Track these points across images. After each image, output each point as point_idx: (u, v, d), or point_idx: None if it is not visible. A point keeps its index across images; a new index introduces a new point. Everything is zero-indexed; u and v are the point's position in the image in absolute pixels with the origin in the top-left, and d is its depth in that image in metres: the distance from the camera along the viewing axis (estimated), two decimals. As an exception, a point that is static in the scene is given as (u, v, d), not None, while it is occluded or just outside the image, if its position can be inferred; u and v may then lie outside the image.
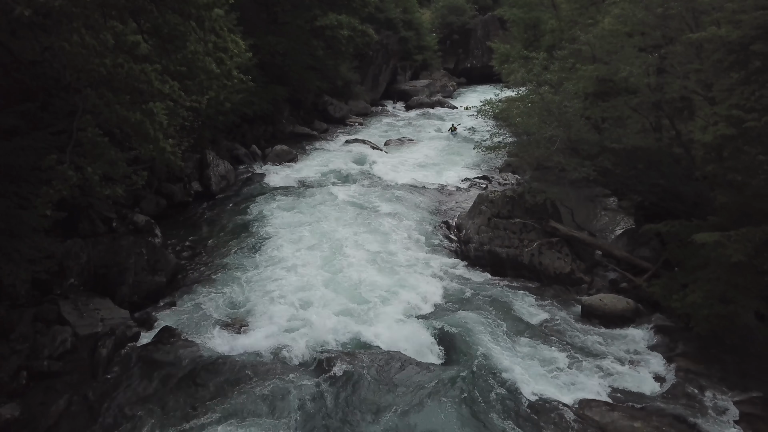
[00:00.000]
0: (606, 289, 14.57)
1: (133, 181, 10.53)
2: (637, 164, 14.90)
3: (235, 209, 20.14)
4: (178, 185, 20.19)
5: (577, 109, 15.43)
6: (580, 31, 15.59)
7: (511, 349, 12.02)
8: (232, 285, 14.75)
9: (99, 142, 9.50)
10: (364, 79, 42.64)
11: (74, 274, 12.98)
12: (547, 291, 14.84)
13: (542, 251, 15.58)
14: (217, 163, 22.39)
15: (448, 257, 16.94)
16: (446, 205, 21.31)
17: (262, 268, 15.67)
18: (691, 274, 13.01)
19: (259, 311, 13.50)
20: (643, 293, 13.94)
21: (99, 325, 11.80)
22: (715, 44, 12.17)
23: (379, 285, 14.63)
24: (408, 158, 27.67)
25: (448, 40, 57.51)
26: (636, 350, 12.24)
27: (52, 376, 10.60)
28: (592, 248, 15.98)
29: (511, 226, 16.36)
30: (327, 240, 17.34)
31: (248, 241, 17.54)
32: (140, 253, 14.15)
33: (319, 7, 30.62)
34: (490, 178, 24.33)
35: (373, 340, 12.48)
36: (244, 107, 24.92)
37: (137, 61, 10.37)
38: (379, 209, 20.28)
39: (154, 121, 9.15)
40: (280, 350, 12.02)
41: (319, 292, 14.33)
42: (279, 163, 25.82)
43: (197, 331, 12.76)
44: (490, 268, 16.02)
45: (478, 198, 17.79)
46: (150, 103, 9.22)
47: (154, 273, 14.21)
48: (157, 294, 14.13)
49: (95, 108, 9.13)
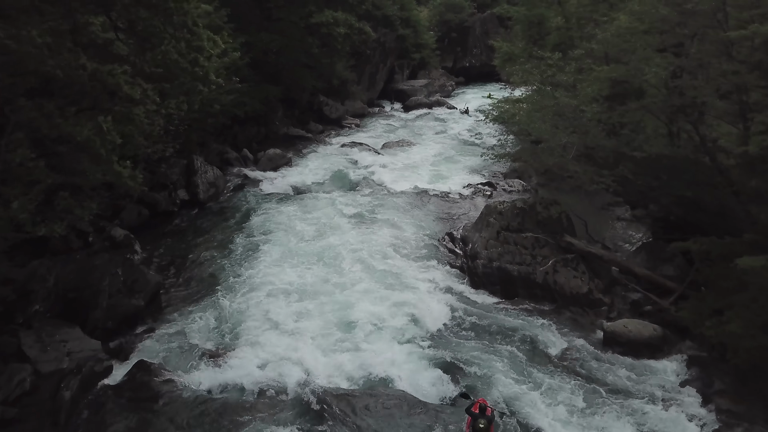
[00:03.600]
0: (628, 313, 13.31)
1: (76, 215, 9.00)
2: (660, 174, 13.62)
3: (223, 220, 18.79)
4: (163, 193, 18.79)
5: (594, 114, 14.12)
6: (597, 29, 14.26)
7: (528, 386, 10.75)
8: (217, 307, 13.45)
9: (33, 168, 7.94)
10: (360, 79, 41.17)
11: (39, 300, 11.60)
12: (564, 314, 13.56)
13: (557, 269, 14.29)
14: (206, 169, 20.97)
15: (453, 274, 15.63)
16: (449, 215, 19.98)
17: (251, 288, 14.34)
18: (725, 297, 11.80)
19: (246, 339, 12.19)
20: (669, 317, 12.69)
21: (65, 360, 10.42)
22: (756, 43, 10.97)
23: (379, 309, 13.31)
24: (407, 162, 26.30)
25: (446, 39, 56.04)
26: (667, 386, 10.98)
27: (6, 424, 9.23)
28: (612, 266, 14.68)
29: (522, 240, 15.06)
30: (322, 255, 16.02)
31: (237, 256, 16.21)
32: (116, 273, 12.78)
33: (314, 4, 29.17)
34: (494, 185, 23.01)
35: (372, 376, 11.22)
36: (234, 108, 23.56)
37: (106, 61, 9.03)
38: (378, 219, 18.96)
39: (104, 140, 7.69)
40: (268, 387, 10.75)
41: (312, 317, 13.06)
42: (272, 168, 24.41)
43: (177, 363, 11.48)
44: (499, 286, 14.72)
45: (486, 209, 16.47)
46: (101, 118, 7.77)
47: (131, 295, 12.85)
48: (134, 319, 12.79)
49: (32, 122, 7.59)
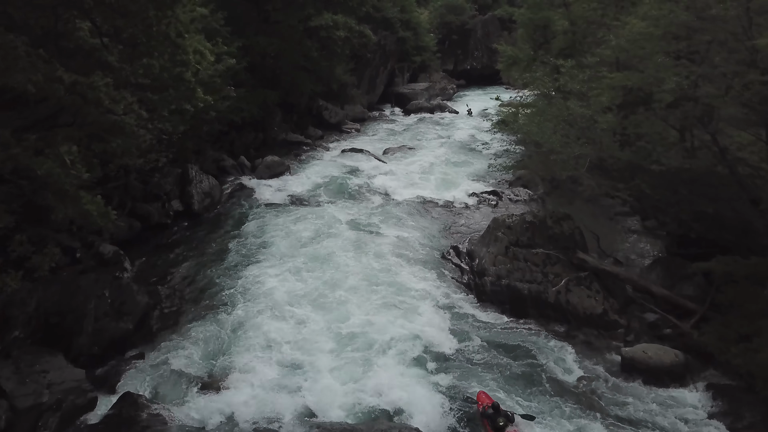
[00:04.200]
0: (646, 336, 12.56)
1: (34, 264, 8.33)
2: (679, 188, 12.86)
3: (219, 232, 18.00)
4: (156, 205, 18.02)
5: (610, 124, 13.36)
6: (610, 34, 13.50)
7: (540, 416, 10.00)
8: (211, 331, 12.68)
9: None
10: (360, 82, 40.38)
11: (20, 325, 10.86)
12: (577, 337, 12.82)
13: (570, 288, 13.55)
14: (201, 178, 20.20)
15: (459, 291, 14.90)
16: (454, 226, 19.24)
17: (247, 307, 13.60)
18: (753, 322, 11.13)
19: (242, 366, 11.43)
20: (691, 342, 11.95)
21: (44, 393, 9.67)
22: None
23: (382, 331, 12.57)
24: (409, 169, 25.53)
25: (447, 41, 55.23)
26: (691, 418, 10.24)
27: (-23, 469, 8.52)
28: (628, 284, 13.92)
29: (532, 257, 14.31)
30: (323, 272, 15.25)
31: (233, 271, 15.45)
32: (102, 295, 12.03)
33: (313, 6, 28.39)
34: (500, 193, 22.25)
35: (376, 405, 10.49)
36: (231, 114, 22.81)
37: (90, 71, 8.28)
38: (380, 231, 18.21)
39: (68, 174, 6.90)
40: (264, 421, 9.96)
41: (311, 340, 12.31)
42: (270, 176, 23.62)
43: (167, 394, 10.75)
44: (509, 305, 13.98)
45: (493, 222, 15.72)
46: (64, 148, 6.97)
47: (119, 318, 12.09)
48: (122, 343, 12.02)
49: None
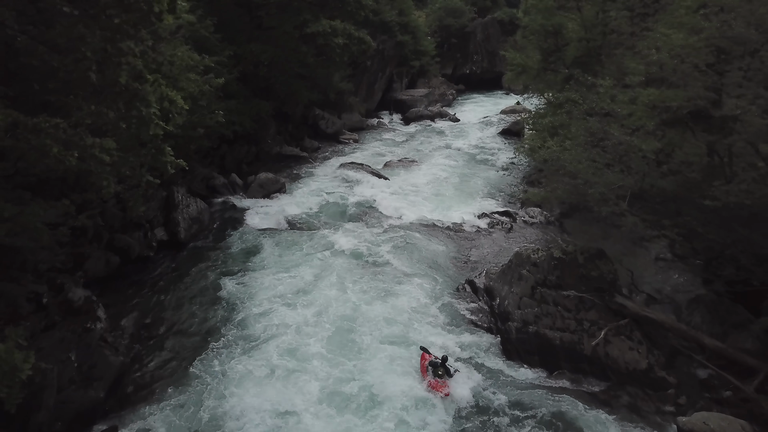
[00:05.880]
0: (701, 400, 10.87)
1: None
2: (737, 226, 11.17)
3: (207, 266, 16.13)
4: (137, 235, 16.15)
5: (652, 152, 11.66)
6: (654, 48, 11.82)
7: None
8: (195, 393, 10.93)
9: None
10: (357, 89, 38.57)
11: (-36, 403, 9.03)
12: (621, 398, 11.12)
13: (608, 338, 11.88)
14: (188, 201, 18.37)
15: (478, 336, 13.22)
16: (467, 254, 17.53)
17: (237, 359, 11.88)
18: (834, 390, 9.46)
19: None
20: (758, 408, 10.29)
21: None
22: None
23: (391, 385, 10.97)
24: (413, 185, 23.83)
25: (446, 44, 53.56)
26: None
27: None
28: (676, 335, 12.21)
29: (563, 300, 12.62)
30: (322, 315, 13.49)
31: (221, 314, 13.69)
32: (68, 359, 10.21)
33: (309, 12, 26.55)
34: (513, 215, 20.57)
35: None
36: (222, 128, 20.99)
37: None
38: (386, 262, 16.45)
39: None
40: None
41: (309, 401, 10.60)
42: (263, 195, 21.84)
43: (142, 483, 8.97)
44: (537, 357, 12.29)
45: (516, 257, 13.99)
46: None
47: (87, 385, 10.29)
48: (91, 415, 10.23)
49: None
